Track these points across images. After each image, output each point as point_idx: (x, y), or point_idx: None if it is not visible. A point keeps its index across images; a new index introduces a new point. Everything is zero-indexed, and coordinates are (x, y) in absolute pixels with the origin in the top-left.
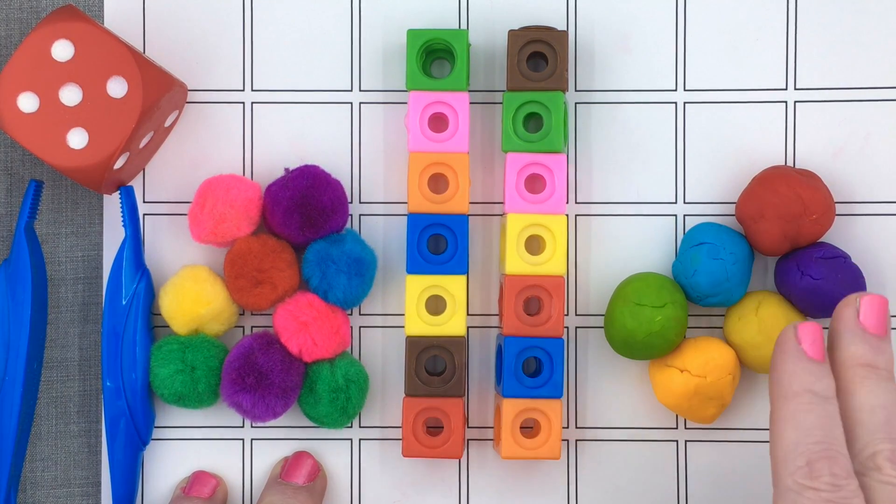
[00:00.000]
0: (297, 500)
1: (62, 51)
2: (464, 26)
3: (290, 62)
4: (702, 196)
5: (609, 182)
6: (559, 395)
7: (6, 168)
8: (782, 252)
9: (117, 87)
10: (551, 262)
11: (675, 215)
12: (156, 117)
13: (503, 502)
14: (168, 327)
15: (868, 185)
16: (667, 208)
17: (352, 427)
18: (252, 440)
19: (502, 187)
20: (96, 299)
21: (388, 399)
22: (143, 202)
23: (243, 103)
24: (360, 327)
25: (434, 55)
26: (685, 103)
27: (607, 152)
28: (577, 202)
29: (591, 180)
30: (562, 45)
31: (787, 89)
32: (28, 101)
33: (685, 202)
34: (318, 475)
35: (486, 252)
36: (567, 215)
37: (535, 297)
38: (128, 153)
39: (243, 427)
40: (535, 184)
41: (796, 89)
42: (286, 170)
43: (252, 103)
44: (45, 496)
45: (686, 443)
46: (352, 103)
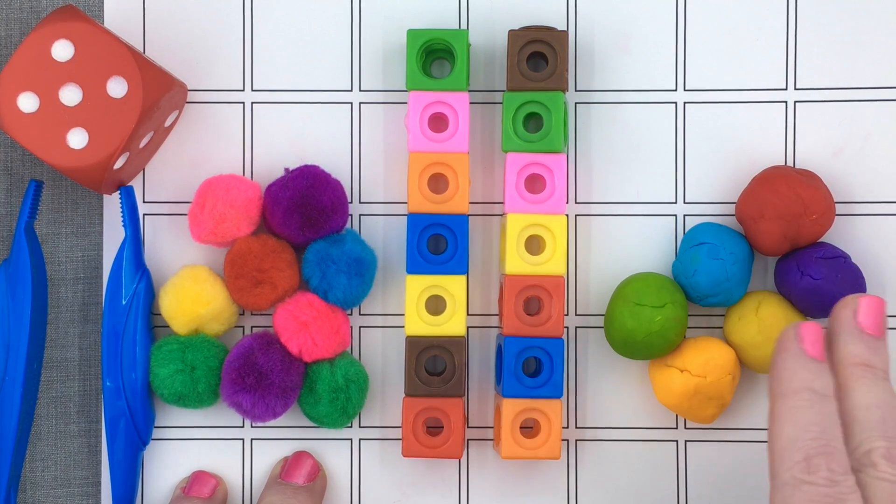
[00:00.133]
0: (297, 500)
1: (62, 51)
2: (464, 26)
3: (290, 62)
4: (702, 196)
5: (609, 182)
6: (559, 395)
7: (6, 168)
8: (782, 252)
9: (117, 87)
10: (551, 262)
11: (675, 215)
12: (156, 117)
13: (503, 502)
14: (168, 327)
15: (868, 185)
16: (667, 208)
17: (352, 427)
18: (252, 440)
19: (502, 187)
20: (96, 299)
21: (388, 399)
22: (143, 202)
23: (243, 103)
24: (360, 327)
25: (434, 55)
26: (685, 103)
27: (607, 152)
28: (577, 202)
29: (590, 180)
30: (562, 45)
31: (786, 89)
32: (28, 101)
33: (685, 202)
34: (318, 475)
35: (486, 252)
36: (567, 215)
37: (535, 297)
38: (128, 153)
39: (243, 427)
40: (535, 184)
41: (796, 89)
42: (286, 170)
43: (252, 103)
44: (45, 496)
45: (686, 443)
46: (352, 103)
